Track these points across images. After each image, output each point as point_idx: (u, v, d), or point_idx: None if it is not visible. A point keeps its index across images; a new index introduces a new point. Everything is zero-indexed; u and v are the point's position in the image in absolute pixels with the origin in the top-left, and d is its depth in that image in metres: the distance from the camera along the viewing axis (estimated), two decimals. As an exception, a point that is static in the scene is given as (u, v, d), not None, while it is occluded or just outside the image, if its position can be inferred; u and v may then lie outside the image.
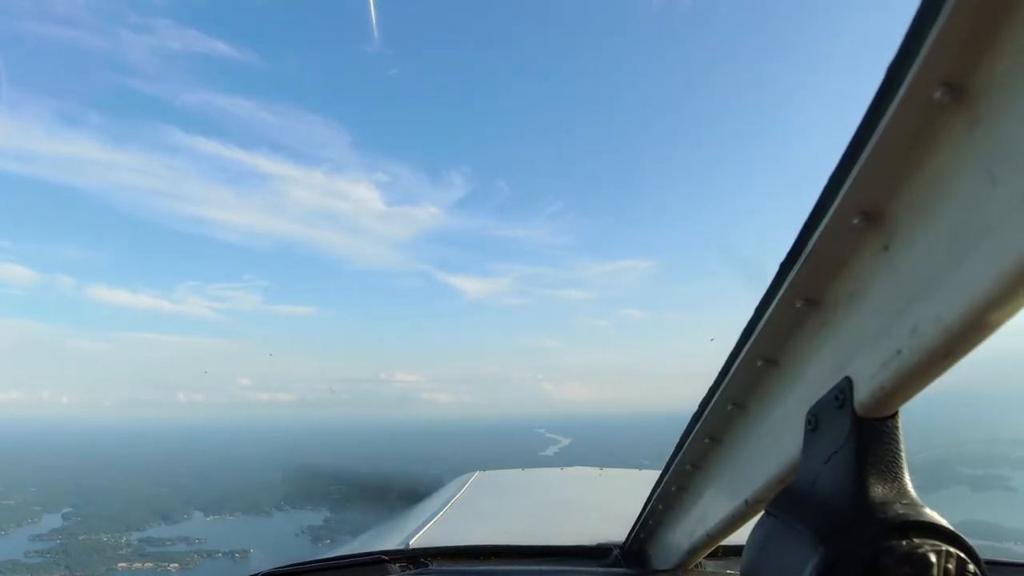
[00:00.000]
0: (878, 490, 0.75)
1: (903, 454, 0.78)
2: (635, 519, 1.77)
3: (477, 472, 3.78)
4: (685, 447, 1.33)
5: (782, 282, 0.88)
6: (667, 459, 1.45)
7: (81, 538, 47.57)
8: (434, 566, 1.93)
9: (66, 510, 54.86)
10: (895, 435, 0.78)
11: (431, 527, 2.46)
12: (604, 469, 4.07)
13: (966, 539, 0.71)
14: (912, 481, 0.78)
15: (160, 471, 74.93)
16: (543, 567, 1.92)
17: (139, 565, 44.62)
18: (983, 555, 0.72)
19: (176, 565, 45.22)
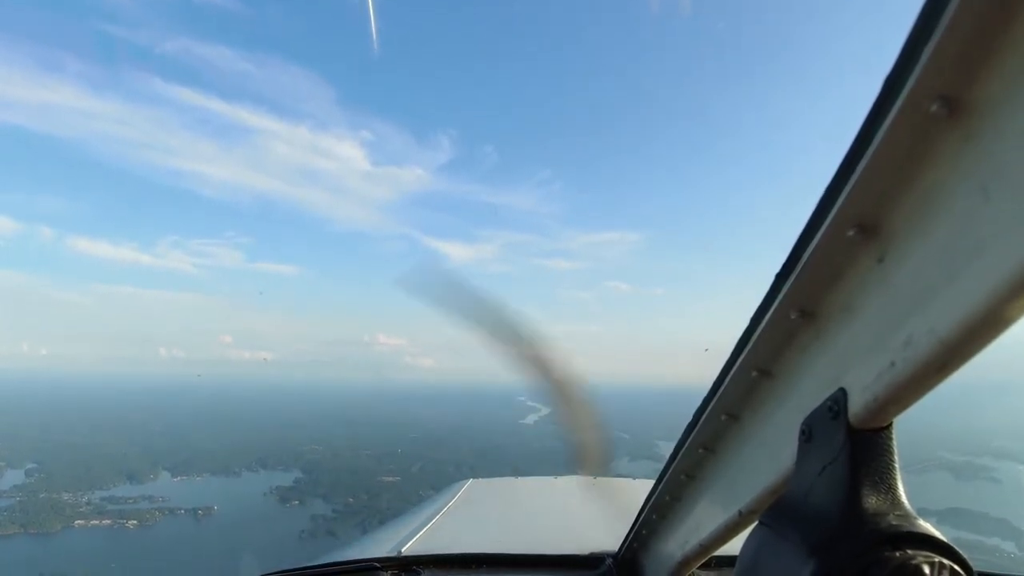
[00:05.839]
0: (871, 501, 0.75)
1: (896, 465, 0.78)
2: (628, 528, 1.77)
3: (470, 480, 3.75)
4: (679, 457, 1.32)
5: (777, 293, 0.88)
6: (661, 469, 1.45)
7: (42, 496, 46.27)
8: (426, 574, 1.95)
9: (30, 466, 53.42)
10: (889, 446, 0.79)
11: (423, 535, 2.46)
12: (598, 478, 3.94)
13: (960, 551, 0.71)
14: (905, 491, 0.78)
15: (133, 429, 73.52)
16: None
17: (96, 522, 43.47)
18: (976, 567, 0.72)
19: (135, 522, 44.14)
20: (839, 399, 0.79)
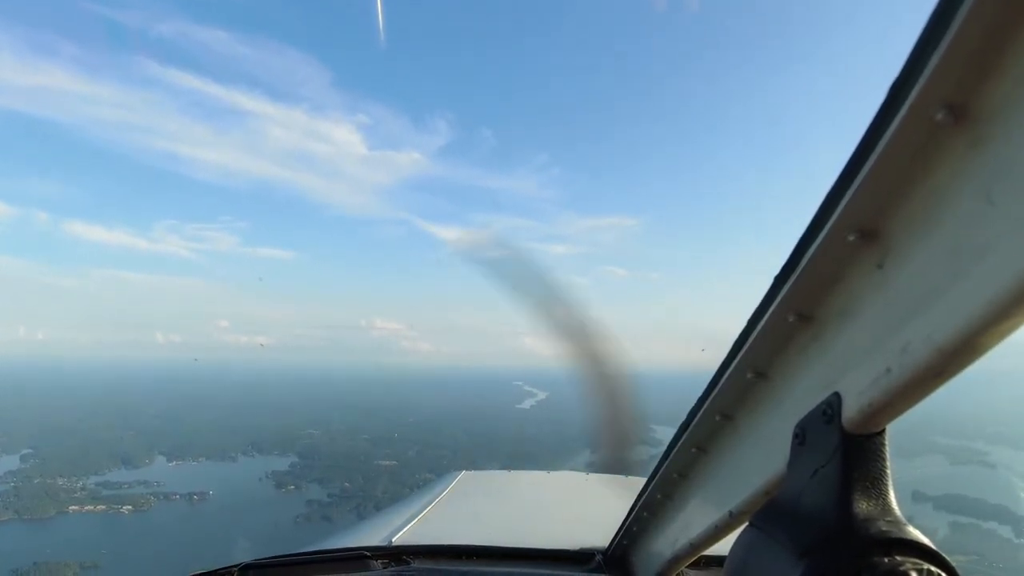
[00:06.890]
0: (862, 506, 0.76)
1: (888, 471, 0.79)
2: (619, 525, 1.79)
3: (463, 472, 3.78)
4: (672, 456, 1.34)
5: (775, 295, 0.88)
6: (653, 467, 1.46)
7: (36, 481, 46.22)
8: (415, 564, 1.97)
9: (25, 451, 53.25)
10: (881, 452, 0.79)
11: (414, 525, 2.47)
12: (590, 475, 4.03)
13: (947, 558, 0.72)
14: (896, 498, 0.79)
15: (128, 413, 73.32)
16: (524, 569, 1.97)
17: (91, 507, 43.57)
18: (974, 566, 0.75)
19: (129, 507, 44.21)
20: (834, 403, 0.79)
